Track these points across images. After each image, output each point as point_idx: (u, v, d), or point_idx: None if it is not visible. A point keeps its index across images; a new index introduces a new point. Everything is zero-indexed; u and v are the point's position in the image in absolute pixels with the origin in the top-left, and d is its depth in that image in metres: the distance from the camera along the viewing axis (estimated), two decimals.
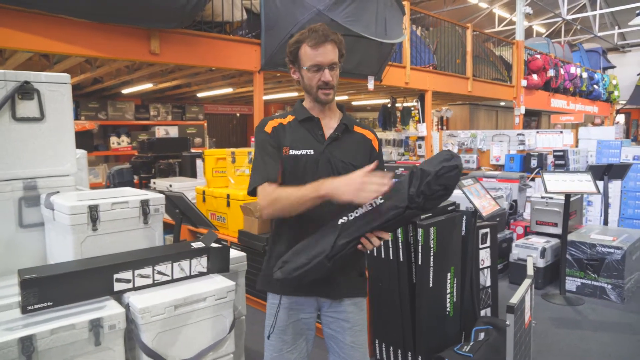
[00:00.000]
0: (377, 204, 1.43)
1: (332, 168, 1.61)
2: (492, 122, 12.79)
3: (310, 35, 1.57)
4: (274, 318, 1.64)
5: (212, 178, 4.52)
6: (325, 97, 1.61)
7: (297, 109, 1.70)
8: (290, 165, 1.60)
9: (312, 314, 1.69)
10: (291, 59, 1.64)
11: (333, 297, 1.65)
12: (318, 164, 1.60)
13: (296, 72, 1.66)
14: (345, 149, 1.65)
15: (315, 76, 1.59)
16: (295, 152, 1.60)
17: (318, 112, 1.67)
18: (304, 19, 5.04)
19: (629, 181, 5.97)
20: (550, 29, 17.12)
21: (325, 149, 1.62)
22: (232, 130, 11.40)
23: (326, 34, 1.57)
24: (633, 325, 3.66)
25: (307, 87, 1.64)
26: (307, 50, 1.58)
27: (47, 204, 1.87)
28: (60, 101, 2.02)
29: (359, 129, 1.72)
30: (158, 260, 1.78)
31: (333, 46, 1.59)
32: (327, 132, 1.66)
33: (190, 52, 4.61)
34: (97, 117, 7.20)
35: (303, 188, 1.47)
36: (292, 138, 1.63)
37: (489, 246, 3.46)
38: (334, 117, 1.70)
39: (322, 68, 1.58)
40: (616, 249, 4.09)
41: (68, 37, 3.85)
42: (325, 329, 1.72)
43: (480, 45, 9.22)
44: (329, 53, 1.57)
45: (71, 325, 1.50)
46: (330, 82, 1.59)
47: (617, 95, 15.56)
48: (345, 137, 1.67)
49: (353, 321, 1.68)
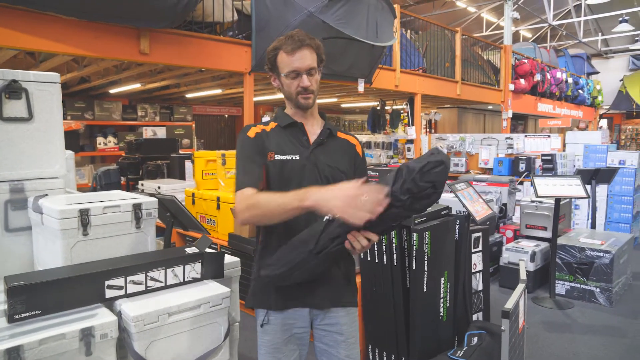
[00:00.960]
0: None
1: (319, 173, 1.58)
2: (479, 126, 12.89)
3: (287, 42, 1.55)
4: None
5: (201, 180, 4.46)
6: (305, 101, 1.59)
7: (279, 116, 1.68)
8: (276, 171, 1.57)
9: (306, 328, 1.64)
10: (270, 66, 1.62)
11: (324, 306, 1.61)
12: (305, 169, 1.57)
13: (276, 80, 1.63)
14: (331, 154, 1.64)
15: (293, 82, 1.57)
16: (281, 157, 1.57)
17: (300, 118, 1.65)
18: (295, 20, 5.01)
19: (615, 185, 6.06)
20: (536, 34, 17.36)
21: (310, 154, 1.60)
22: (221, 131, 11.31)
23: (302, 39, 1.55)
24: (622, 328, 3.69)
25: (286, 93, 1.62)
26: (284, 56, 1.56)
27: (35, 207, 1.80)
28: (50, 101, 1.95)
29: (342, 135, 1.72)
30: (151, 266, 1.73)
31: (310, 51, 1.57)
32: (312, 137, 1.64)
33: (181, 52, 4.55)
34: (84, 117, 7.07)
35: (286, 195, 1.37)
36: (276, 144, 1.60)
37: (480, 250, 3.46)
38: (316, 123, 1.68)
39: (300, 74, 1.56)
40: (605, 253, 4.13)
41: (55, 34, 3.76)
42: (318, 344, 1.67)
43: (468, 49, 9.29)
44: (306, 58, 1.55)
45: (61, 335, 1.44)
46: (309, 87, 1.57)
47: (600, 100, 15.83)
48: (330, 142, 1.65)
49: (347, 334, 1.64)
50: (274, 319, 1.61)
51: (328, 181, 1.58)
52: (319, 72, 1.62)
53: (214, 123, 11.14)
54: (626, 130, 21.00)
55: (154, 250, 1.93)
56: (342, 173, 1.62)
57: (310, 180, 1.56)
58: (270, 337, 1.61)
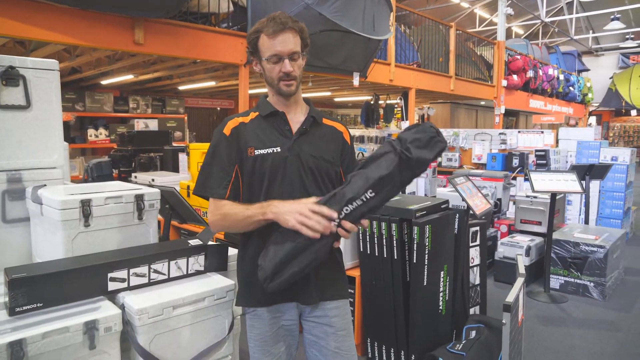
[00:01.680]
0: (367, 198, 1.33)
1: (302, 164, 1.51)
2: (472, 121, 12.94)
3: (268, 24, 1.46)
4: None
5: (197, 173, 4.40)
6: (287, 88, 1.50)
7: (260, 105, 1.60)
8: (257, 166, 1.50)
9: (294, 320, 1.59)
10: (251, 50, 1.53)
11: (311, 302, 1.55)
12: (287, 160, 1.50)
13: (257, 65, 1.55)
14: (315, 143, 1.55)
15: (275, 67, 1.48)
16: (261, 151, 1.50)
17: (283, 107, 1.56)
18: (292, 12, 4.95)
19: (607, 181, 6.11)
20: (528, 30, 17.44)
21: (293, 145, 1.52)
22: (213, 124, 11.22)
23: (284, 22, 1.46)
24: (615, 322, 3.73)
25: (268, 79, 1.52)
26: (265, 40, 1.47)
27: (34, 197, 1.75)
28: (48, 89, 1.90)
29: (328, 122, 1.63)
30: (155, 258, 1.69)
31: (294, 34, 1.48)
32: (295, 126, 1.55)
33: (176, 43, 4.48)
34: (74, 108, 6.96)
35: (250, 208, 1.43)
36: (255, 136, 1.52)
37: (478, 244, 3.47)
38: (300, 110, 1.59)
39: (282, 58, 1.47)
40: (599, 248, 4.17)
41: (47, 23, 3.68)
42: (307, 335, 1.62)
43: (462, 44, 9.30)
44: (288, 42, 1.46)
45: (65, 328, 1.40)
46: (292, 73, 1.48)
47: (590, 98, 15.98)
48: (314, 130, 1.57)
49: (337, 326, 1.59)
50: (261, 313, 1.56)
51: (312, 173, 1.52)
52: (303, 58, 1.53)
53: (206, 116, 11.05)
54: (614, 128, 21.28)
55: (156, 242, 1.89)
56: (328, 163, 1.55)
57: (293, 173, 1.50)
58: (259, 330, 1.57)
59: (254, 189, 1.52)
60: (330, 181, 1.57)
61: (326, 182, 1.56)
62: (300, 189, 1.49)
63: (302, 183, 1.51)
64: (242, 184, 1.53)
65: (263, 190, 1.50)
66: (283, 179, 1.49)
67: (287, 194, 1.48)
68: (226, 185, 1.49)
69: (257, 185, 1.51)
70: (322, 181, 1.54)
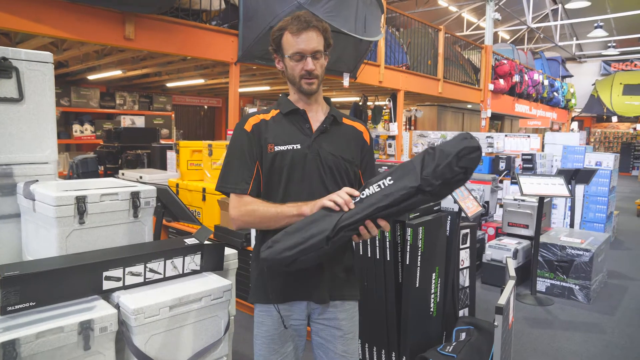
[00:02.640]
0: (385, 185, 1.33)
1: (321, 162, 1.52)
2: (458, 124, 13.07)
3: (293, 22, 1.48)
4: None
5: (187, 171, 4.36)
6: (308, 86, 1.51)
7: (281, 102, 1.60)
8: (277, 162, 1.50)
9: (303, 320, 1.59)
10: (274, 47, 1.54)
11: (324, 300, 1.55)
12: (306, 158, 1.51)
13: (280, 62, 1.56)
14: (335, 142, 1.56)
15: (297, 65, 1.50)
16: (281, 147, 1.50)
17: (304, 105, 1.57)
18: (284, 11, 4.93)
19: (591, 186, 6.21)
20: (514, 35, 17.67)
21: (313, 142, 1.53)
22: (200, 122, 11.12)
23: (309, 21, 1.47)
24: (600, 325, 3.79)
25: (290, 76, 1.54)
26: (289, 37, 1.49)
27: (26, 193, 1.70)
28: (42, 82, 1.85)
29: (348, 121, 1.64)
30: (150, 257, 1.66)
31: (317, 33, 1.49)
32: (315, 124, 1.56)
33: (167, 39, 4.42)
34: (60, 103, 6.81)
35: (283, 205, 1.43)
36: (276, 133, 1.53)
37: (468, 247, 3.49)
38: (320, 109, 1.60)
39: (305, 56, 1.48)
40: (585, 251, 4.23)
41: (35, 14, 3.59)
42: (315, 337, 1.62)
43: (450, 47, 9.37)
44: (311, 40, 1.47)
45: (59, 328, 1.36)
46: (314, 72, 1.49)
47: (574, 103, 16.27)
48: (334, 129, 1.58)
49: (345, 329, 1.59)
50: (271, 310, 1.56)
51: (331, 171, 1.53)
52: (326, 57, 1.55)
53: (194, 113, 10.94)
54: (595, 134, 21.70)
55: (151, 240, 1.86)
56: (346, 162, 1.56)
57: (312, 170, 1.51)
58: (267, 327, 1.56)
59: (272, 185, 1.52)
60: (348, 180, 1.57)
61: (344, 181, 1.55)
62: (319, 186, 1.50)
63: (321, 180, 1.51)
64: (262, 180, 1.53)
65: (282, 187, 1.50)
66: (302, 176, 1.50)
67: (305, 191, 1.49)
68: (248, 181, 1.49)
69: (276, 182, 1.51)
70: (341, 179, 1.55)
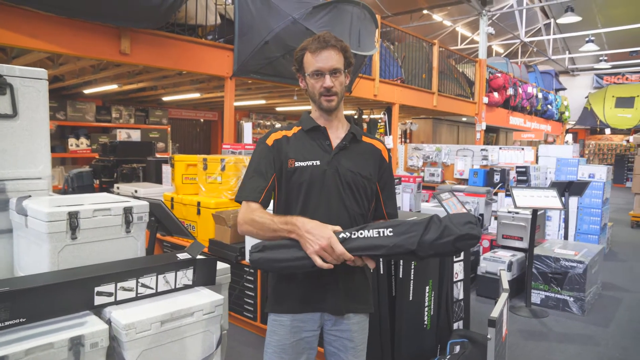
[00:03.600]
0: (383, 234, 1.39)
1: (340, 178, 1.56)
2: (453, 137, 13.14)
3: (313, 42, 1.56)
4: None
5: (181, 185, 4.36)
6: (327, 104, 1.58)
7: (303, 120, 1.67)
8: (296, 177, 1.56)
9: (315, 331, 1.62)
10: (297, 66, 1.62)
11: (339, 312, 1.59)
12: (325, 174, 1.56)
13: (302, 81, 1.63)
14: (354, 159, 1.61)
15: (317, 83, 1.56)
16: (301, 163, 1.56)
17: (324, 122, 1.63)
18: (279, 27, 5.00)
19: (584, 198, 6.25)
20: (508, 49, 17.88)
21: (332, 159, 1.58)
22: (196, 136, 11.14)
23: (327, 40, 1.55)
24: (594, 337, 3.79)
25: (311, 94, 1.61)
26: (309, 56, 1.57)
27: (18, 209, 1.71)
28: (36, 98, 1.87)
29: (367, 139, 1.69)
30: (143, 272, 1.67)
31: (336, 52, 1.56)
32: (335, 141, 1.62)
33: (162, 54, 4.47)
34: (55, 117, 6.83)
35: (277, 222, 1.45)
36: (296, 149, 1.59)
37: (462, 260, 3.50)
38: (341, 126, 1.66)
39: (323, 74, 1.55)
40: (578, 263, 4.25)
41: (31, 30, 3.63)
42: (328, 346, 1.66)
43: (444, 61, 9.48)
44: (329, 59, 1.54)
45: (49, 344, 1.36)
46: (332, 89, 1.55)
47: (567, 116, 16.43)
48: (353, 146, 1.63)
49: (357, 340, 1.64)
50: (285, 320, 1.59)
51: (350, 187, 1.57)
52: (346, 76, 1.61)
53: (190, 127, 10.97)
54: (589, 146, 21.86)
55: (144, 255, 1.86)
56: (365, 179, 1.60)
57: (331, 186, 1.55)
58: (279, 337, 1.60)
59: (291, 200, 1.57)
60: (366, 197, 1.62)
61: (362, 197, 1.60)
62: (338, 202, 1.54)
63: (340, 196, 1.56)
64: (279, 194, 1.59)
65: (300, 202, 1.55)
66: (321, 192, 1.54)
67: (324, 207, 1.54)
68: (261, 191, 1.54)
69: (295, 196, 1.56)
70: (359, 196, 1.59)
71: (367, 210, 1.63)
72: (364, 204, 1.61)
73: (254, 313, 3.61)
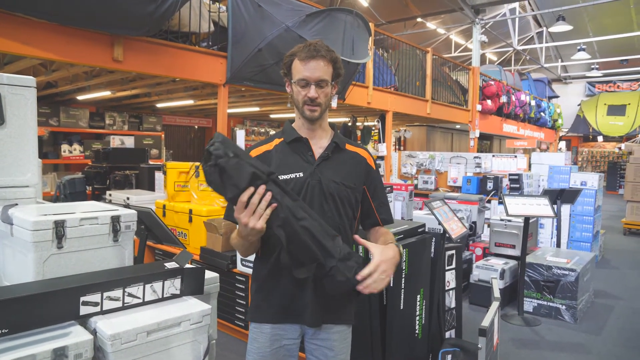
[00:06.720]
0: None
1: (323, 189, 1.55)
2: (447, 144, 13.20)
3: (303, 50, 1.54)
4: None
5: (173, 192, 4.35)
6: (310, 113, 1.56)
7: (285, 130, 1.65)
8: None
9: (296, 339, 1.62)
10: (285, 71, 1.60)
11: (316, 324, 1.58)
12: (308, 186, 1.55)
13: (289, 86, 1.61)
14: (337, 168, 1.59)
15: (302, 91, 1.55)
16: (284, 176, 1.53)
17: (307, 132, 1.62)
18: (272, 34, 5.01)
19: (576, 205, 6.28)
20: (501, 57, 18.02)
21: (315, 170, 1.56)
22: (190, 142, 11.12)
23: (318, 50, 1.52)
24: (586, 345, 3.79)
25: (295, 101, 1.59)
26: (297, 64, 1.55)
27: (4, 217, 1.69)
28: (24, 106, 1.86)
29: (351, 148, 1.67)
30: (129, 281, 1.65)
31: (325, 62, 1.54)
32: (317, 152, 1.60)
33: (155, 61, 4.46)
34: (48, 123, 6.80)
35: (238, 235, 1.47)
36: (278, 163, 1.57)
37: (454, 268, 3.50)
38: (325, 136, 1.64)
39: (309, 84, 1.53)
40: (570, 271, 4.26)
41: (23, 36, 3.62)
42: (309, 355, 1.66)
43: (438, 69, 9.53)
44: (317, 69, 1.52)
45: (31, 356, 1.34)
46: (316, 100, 1.54)
47: (560, 123, 16.54)
48: (336, 156, 1.61)
49: (337, 349, 1.63)
50: (265, 328, 1.60)
51: (332, 198, 1.56)
52: (334, 87, 1.59)
53: (184, 134, 10.95)
54: (582, 153, 22.00)
55: (132, 264, 1.85)
56: (348, 189, 1.59)
57: (314, 198, 1.54)
58: (260, 344, 1.60)
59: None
60: (350, 206, 1.61)
61: (346, 208, 1.59)
62: (320, 214, 1.51)
63: (321, 209, 1.54)
64: None
65: None
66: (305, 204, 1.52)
67: None
68: None
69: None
70: (342, 206, 1.58)
71: (351, 219, 1.62)
72: (347, 213, 1.59)
73: (245, 322, 3.59)
